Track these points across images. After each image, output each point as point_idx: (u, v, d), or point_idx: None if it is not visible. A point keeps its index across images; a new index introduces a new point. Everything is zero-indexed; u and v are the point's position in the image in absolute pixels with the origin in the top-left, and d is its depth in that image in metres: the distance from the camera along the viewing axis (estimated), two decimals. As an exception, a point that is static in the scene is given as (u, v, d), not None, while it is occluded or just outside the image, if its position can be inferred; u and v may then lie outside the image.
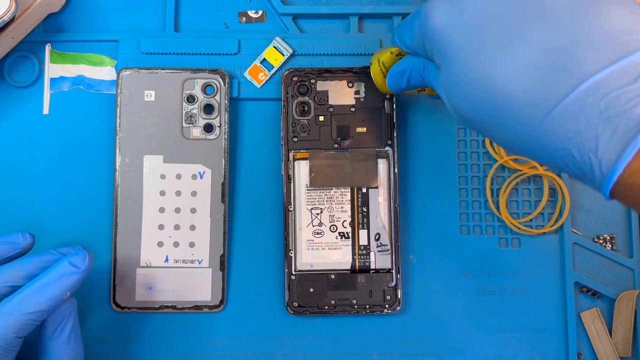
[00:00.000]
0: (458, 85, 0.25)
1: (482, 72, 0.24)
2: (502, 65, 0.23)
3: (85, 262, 0.30)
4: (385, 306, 0.36)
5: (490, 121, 0.24)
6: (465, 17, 0.25)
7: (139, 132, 0.37)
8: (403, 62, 0.31)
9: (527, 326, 0.37)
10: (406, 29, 0.29)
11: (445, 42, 0.25)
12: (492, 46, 0.24)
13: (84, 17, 0.39)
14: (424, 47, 0.27)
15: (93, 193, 0.37)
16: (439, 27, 0.25)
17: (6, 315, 0.28)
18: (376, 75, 0.34)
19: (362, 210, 0.36)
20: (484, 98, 0.24)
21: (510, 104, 0.23)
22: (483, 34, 0.24)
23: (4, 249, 0.31)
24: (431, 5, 0.26)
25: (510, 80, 0.23)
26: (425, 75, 0.30)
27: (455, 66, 0.25)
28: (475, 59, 0.24)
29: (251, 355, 0.36)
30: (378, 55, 0.34)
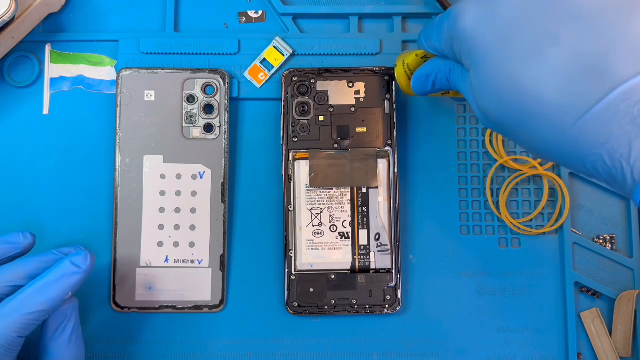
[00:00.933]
0: (487, 87, 0.25)
1: (512, 75, 0.24)
2: (533, 68, 0.23)
3: (86, 262, 0.30)
4: (385, 306, 0.36)
5: (520, 124, 0.24)
6: (496, 19, 0.25)
7: (139, 132, 0.37)
8: (428, 64, 0.31)
9: (527, 326, 0.37)
10: (434, 30, 0.29)
11: (475, 43, 0.25)
12: (523, 49, 0.23)
13: (84, 17, 0.39)
14: (452, 49, 0.27)
15: (93, 193, 0.37)
16: (469, 28, 0.25)
17: (8, 314, 0.28)
18: (400, 77, 0.34)
19: (362, 210, 0.36)
20: (514, 101, 0.24)
21: (541, 108, 0.23)
22: (514, 36, 0.24)
23: (4, 249, 0.31)
24: (461, 6, 0.26)
25: (541, 84, 0.23)
26: (452, 78, 0.30)
27: (485, 68, 0.25)
28: (505, 61, 0.24)
29: (251, 355, 0.36)
30: (403, 57, 0.34)
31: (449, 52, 0.28)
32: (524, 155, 0.38)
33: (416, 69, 0.33)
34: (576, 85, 0.22)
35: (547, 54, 0.23)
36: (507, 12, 0.24)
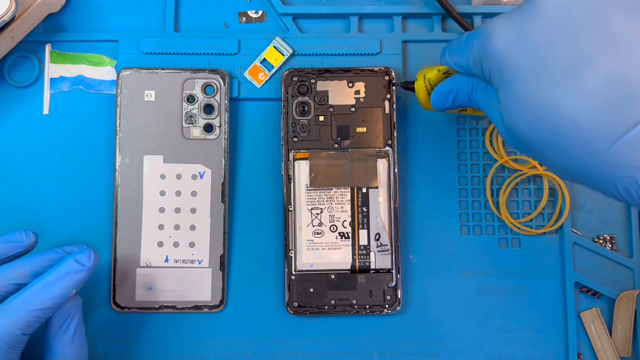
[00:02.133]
0: (519, 107, 0.25)
1: (546, 96, 0.24)
2: (567, 90, 0.23)
3: (90, 260, 0.30)
4: (385, 306, 0.36)
5: (551, 146, 0.24)
6: (529, 39, 0.24)
7: (139, 132, 0.37)
8: (450, 80, 0.31)
9: (527, 326, 0.37)
10: (461, 48, 0.29)
11: (507, 63, 0.25)
12: (557, 70, 0.23)
13: (84, 17, 0.39)
14: (480, 67, 0.27)
15: (93, 193, 0.37)
16: (502, 47, 0.25)
17: (13, 312, 0.28)
18: (420, 91, 0.34)
19: (362, 210, 0.36)
20: (546, 122, 0.24)
21: (575, 130, 0.23)
22: (548, 57, 0.24)
23: (7, 248, 0.31)
24: (493, 25, 0.26)
25: (575, 106, 0.23)
26: (473, 96, 0.30)
27: (517, 88, 0.25)
28: (539, 82, 0.24)
29: (251, 355, 0.36)
30: (424, 72, 0.33)
31: (476, 70, 0.28)
32: (524, 155, 0.38)
33: (437, 84, 0.32)
34: (611, 109, 0.22)
35: (582, 77, 0.23)
36: (541, 32, 0.24)
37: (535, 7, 0.25)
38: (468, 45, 0.28)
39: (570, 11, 0.24)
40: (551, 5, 0.25)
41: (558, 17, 0.24)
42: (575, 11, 0.24)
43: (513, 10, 0.26)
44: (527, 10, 0.25)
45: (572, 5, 0.24)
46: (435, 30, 0.39)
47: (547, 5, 0.25)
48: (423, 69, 0.34)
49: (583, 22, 0.24)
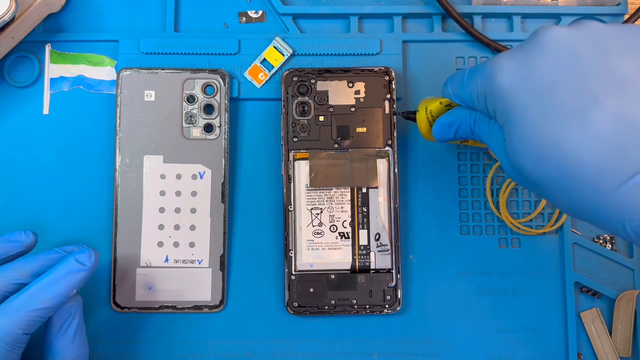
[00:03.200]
0: (524, 146, 0.24)
1: (552, 136, 0.23)
2: (574, 131, 0.23)
3: (91, 260, 0.30)
4: (385, 306, 0.36)
5: (557, 185, 0.24)
6: (535, 77, 0.24)
7: (139, 132, 0.37)
8: (452, 113, 0.31)
9: (527, 326, 0.37)
10: (464, 83, 0.28)
11: (512, 101, 0.25)
12: (564, 110, 0.23)
13: (84, 17, 0.39)
14: (484, 104, 0.27)
15: (93, 193, 0.37)
16: (506, 85, 0.25)
17: (13, 311, 0.28)
18: (422, 122, 0.33)
19: (362, 210, 0.36)
20: (552, 162, 0.24)
21: (582, 171, 0.23)
22: (554, 97, 0.24)
23: (7, 247, 0.31)
24: (498, 62, 0.26)
25: (583, 147, 0.23)
26: (476, 129, 0.30)
27: (523, 127, 0.24)
28: (545, 121, 0.24)
29: (251, 355, 0.36)
30: (426, 103, 0.33)
31: (480, 106, 0.28)
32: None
33: (439, 115, 0.32)
34: (619, 151, 0.22)
35: (589, 117, 0.23)
36: (547, 71, 0.24)
37: (540, 45, 0.25)
38: (471, 81, 0.28)
39: (575, 51, 0.24)
40: (556, 44, 0.24)
41: (564, 56, 0.24)
42: (580, 51, 0.24)
43: (517, 48, 0.26)
44: (531, 48, 0.25)
45: (578, 45, 0.24)
46: (435, 30, 0.39)
47: (552, 44, 0.25)
48: (425, 100, 0.34)
49: (589, 62, 0.23)
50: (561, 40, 0.25)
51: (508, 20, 0.39)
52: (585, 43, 0.24)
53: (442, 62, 0.39)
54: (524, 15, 0.39)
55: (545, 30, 0.25)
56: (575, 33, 0.25)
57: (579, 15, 0.39)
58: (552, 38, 0.25)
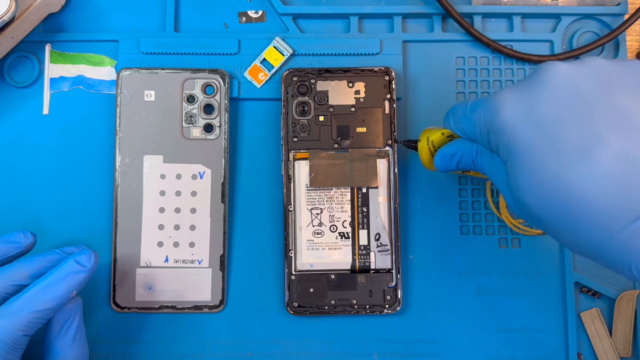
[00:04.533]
0: (528, 183, 0.24)
1: (557, 175, 0.23)
2: (579, 170, 0.23)
3: (91, 261, 0.30)
4: (385, 306, 0.36)
5: (562, 223, 0.24)
6: (538, 115, 0.24)
7: (139, 132, 0.37)
8: (454, 144, 0.31)
9: (527, 326, 0.37)
10: (466, 117, 0.28)
11: (515, 138, 0.25)
12: (568, 149, 0.23)
13: (84, 17, 0.39)
14: (487, 139, 0.27)
15: (93, 193, 0.37)
16: (509, 122, 0.25)
17: (14, 313, 0.28)
18: (423, 152, 0.33)
19: (362, 210, 0.36)
20: (557, 200, 0.23)
21: (588, 210, 0.22)
22: (558, 134, 0.23)
23: (5, 248, 0.31)
24: (501, 98, 0.26)
25: (588, 186, 0.22)
26: (478, 161, 0.29)
27: (526, 164, 0.24)
28: (549, 159, 0.23)
29: (251, 355, 0.36)
30: (428, 133, 0.33)
31: (482, 140, 0.27)
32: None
33: (440, 146, 0.32)
34: (625, 190, 0.22)
35: (593, 156, 0.22)
36: (550, 108, 0.24)
37: (543, 81, 0.25)
38: (474, 115, 0.27)
39: (579, 87, 0.24)
40: (559, 80, 0.24)
41: (567, 93, 0.24)
42: (584, 88, 0.24)
43: (520, 83, 0.26)
44: (534, 84, 0.25)
45: (581, 82, 0.24)
46: (435, 30, 0.39)
47: (555, 80, 0.24)
48: (426, 130, 0.34)
49: (592, 99, 0.23)
50: (564, 76, 0.24)
51: (508, 20, 0.39)
52: (588, 80, 0.24)
53: (442, 62, 0.39)
54: (524, 15, 0.39)
55: (548, 66, 0.25)
56: (578, 69, 0.24)
57: (579, 15, 0.39)
58: (555, 74, 0.24)
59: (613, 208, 0.22)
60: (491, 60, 0.39)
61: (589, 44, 0.38)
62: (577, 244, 0.24)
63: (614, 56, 0.39)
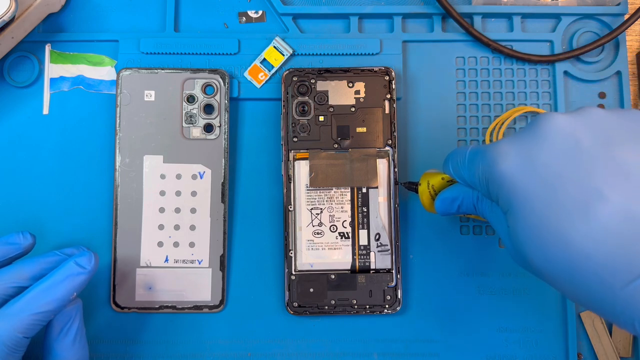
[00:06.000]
0: (529, 236, 0.24)
1: (557, 228, 0.23)
2: (580, 224, 0.22)
3: (91, 263, 0.30)
4: (385, 306, 0.36)
5: (564, 277, 0.23)
6: (538, 167, 0.24)
7: (139, 132, 0.37)
8: (455, 189, 0.31)
9: (527, 326, 0.37)
10: (465, 165, 0.28)
11: (515, 190, 0.24)
12: (568, 203, 0.23)
13: (84, 17, 0.39)
14: (487, 188, 0.26)
15: (93, 193, 0.37)
16: (508, 174, 0.25)
17: (14, 315, 0.28)
18: (423, 195, 0.33)
19: (362, 210, 0.36)
20: (558, 254, 0.23)
21: (589, 265, 0.22)
22: (558, 188, 0.23)
23: (5, 250, 0.31)
24: (500, 149, 0.25)
25: (589, 241, 0.22)
26: (479, 207, 0.29)
27: (527, 217, 0.24)
28: (549, 213, 0.23)
29: (251, 355, 0.36)
30: (428, 177, 0.33)
31: (482, 190, 0.27)
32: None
33: (440, 190, 0.32)
34: (627, 247, 0.21)
35: (594, 212, 0.22)
36: (549, 161, 0.24)
37: (542, 133, 0.24)
38: (473, 165, 0.27)
39: (577, 140, 0.24)
40: (558, 132, 0.24)
41: (566, 146, 0.24)
42: (583, 140, 0.23)
43: (518, 134, 0.26)
44: (533, 136, 0.25)
45: (580, 134, 0.24)
46: (435, 30, 0.39)
47: (553, 132, 0.24)
48: (427, 173, 0.34)
49: (592, 152, 0.23)
50: (563, 128, 0.24)
51: (508, 20, 0.39)
52: (587, 131, 0.24)
53: (442, 62, 0.39)
54: (524, 15, 0.39)
55: (547, 117, 0.25)
56: (576, 121, 0.24)
57: (579, 15, 0.39)
58: (554, 126, 0.24)
59: (615, 264, 0.22)
60: (491, 60, 0.39)
61: (589, 44, 0.38)
62: (579, 298, 0.24)
63: (614, 56, 0.39)
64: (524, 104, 0.39)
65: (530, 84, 0.39)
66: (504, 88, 0.39)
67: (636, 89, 0.40)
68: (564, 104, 0.38)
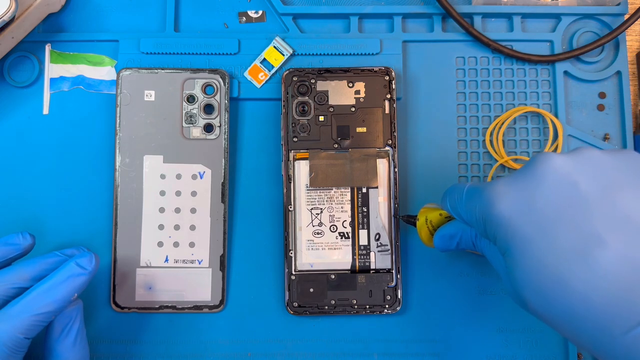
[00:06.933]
0: (527, 279, 0.24)
1: (556, 273, 0.23)
2: (579, 269, 0.22)
3: (92, 264, 0.30)
4: (385, 306, 0.36)
5: (563, 321, 0.23)
6: (535, 210, 0.24)
7: (139, 132, 0.37)
8: (453, 226, 0.31)
9: (527, 326, 0.37)
10: (462, 203, 0.28)
11: (513, 232, 0.24)
12: (566, 247, 0.22)
13: (84, 17, 0.39)
14: (484, 229, 0.26)
15: (93, 193, 0.37)
16: (505, 215, 0.24)
17: (15, 316, 0.28)
18: (422, 230, 0.33)
19: (362, 210, 0.36)
20: (557, 298, 0.23)
21: (589, 311, 0.22)
22: (556, 232, 0.23)
23: (4, 251, 0.31)
24: (496, 190, 0.25)
25: (589, 287, 0.22)
26: (478, 244, 0.29)
27: (525, 259, 0.24)
28: (548, 257, 0.23)
29: (251, 355, 0.36)
30: (426, 212, 0.33)
31: (479, 230, 0.27)
32: (524, 155, 0.38)
33: (439, 225, 0.32)
34: (627, 293, 0.21)
35: (594, 257, 0.22)
36: (547, 203, 0.23)
37: (539, 175, 0.24)
38: (470, 203, 0.27)
39: (575, 182, 0.23)
40: (555, 174, 0.24)
41: (563, 188, 0.23)
42: (580, 184, 0.23)
43: (515, 175, 0.25)
44: (530, 177, 0.25)
45: (577, 176, 0.23)
46: (435, 30, 0.39)
47: (550, 174, 0.24)
48: (425, 208, 0.34)
49: (590, 195, 0.23)
50: (560, 170, 0.24)
51: (508, 20, 0.39)
52: (584, 174, 0.23)
53: (442, 62, 0.39)
54: (524, 15, 0.39)
55: (543, 158, 0.25)
56: (573, 163, 0.24)
57: (579, 15, 0.39)
58: (550, 167, 0.24)
59: (615, 311, 0.21)
60: (491, 60, 0.39)
61: (589, 44, 0.38)
62: (579, 342, 0.23)
63: (614, 56, 0.39)
64: (524, 104, 0.39)
65: (530, 84, 0.39)
66: (504, 88, 0.39)
67: (636, 89, 0.40)
68: (564, 104, 0.38)
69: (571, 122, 0.39)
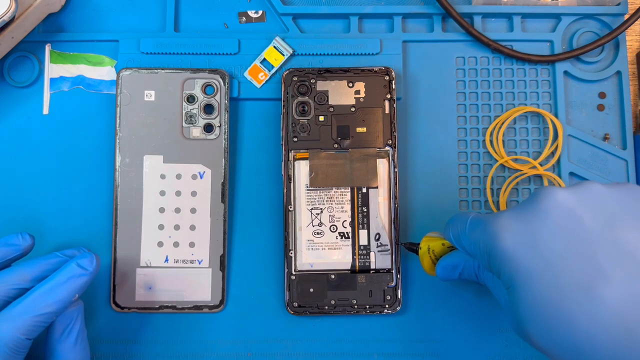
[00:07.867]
0: (532, 314, 0.24)
1: (560, 309, 0.23)
2: (583, 305, 0.22)
3: (93, 264, 0.30)
4: (385, 306, 0.36)
5: (569, 357, 0.23)
6: (539, 245, 0.24)
7: (139, 132, 0.37)
8: (456, 256, 0.31)
9: (527, 326, 0.37)
10: (465, 235, 0.28)
11: (517, 267, 0.24)
12: (570, 283, 0.22)
13: (84, 17, 0.39)
14: (488, 263, 0.26)
15: (93, 193, 0.37)
16: (509, 250, 0.24)
17: (16, 317, 0.28)
18: (424, 258, 0.33)
19: (362, 210, 0.36)
20: (561, 333, 0.23)
21: (593, 347, 0.22)
22: (560, 267, 0.23)
23: (4, 251, 0.31)
24: (500, 224, 0.25)
25: (592, 323, 0.22)
26: (481, 275, 0.29)
27: (529, 295, 0.24)
28: (552, 292, 0.23)
29: (251, 355, 0.36)
30: (428, 241, 0.33)
31: (483, 263, 0.27)
32: (524, 155, 0.38)
33: (441, 255, 0.32)
34: (632, 330, 0.21)
35: (598, 294, 0.22)
36: (551, 238, 0.23)
37: (542, 209, 0.24)
38: (473, 235, 0.27)
39: (579, 217, 0.23)
40: (558, 209, 0.24)
41: (567, 223, 0.23)
42: (584, 218, 0.23)
43: (519, 209, 0.25)
44: (533, 211, 0.24)
45: (580, 211, 0.23)
46: (435, 30, 0.39)
47: (554, 209, 0.24)
48: (428, 237, 0.34)
49: (593, 231, 0.23)
50: (563, 205, 0.24)
51: (508, 20, 0.39)
52: (588, 209, 0.23)
53: (442, 62, 0.39)
54: (524, 15, 0.39)
55: (547, 193, 0.25)
56: (577, 198, 0.24)
57: (579, 15, 0.39)
58: (554, 202, 0.24)
59: (620, 346, 0.21)
60: (491, 60, 0.39)
61: (589, 44, 0.38)
62: None
63: (614, 56, 0.39)
64: (524, 104, 0.39)
65: (530, 84, 0.39)
66: (504, 88, 0.39)
67: (636, 89, 0.40)
68: (564, 104, 0.38)
69: (571, 122, 0.39)
